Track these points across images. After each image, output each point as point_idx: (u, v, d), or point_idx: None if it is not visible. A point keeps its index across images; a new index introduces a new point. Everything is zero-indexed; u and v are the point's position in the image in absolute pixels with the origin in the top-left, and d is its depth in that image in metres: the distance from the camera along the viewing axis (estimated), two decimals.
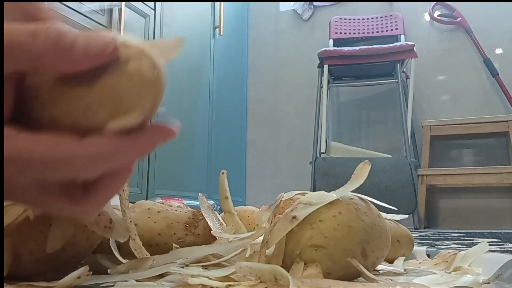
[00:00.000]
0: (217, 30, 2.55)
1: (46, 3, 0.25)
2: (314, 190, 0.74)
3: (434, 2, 2.64)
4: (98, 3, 1.81)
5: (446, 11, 2.63)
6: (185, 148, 2.23)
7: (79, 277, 0.30)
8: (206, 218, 0.45)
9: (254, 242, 0.39)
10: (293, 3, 2.95)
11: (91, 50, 0.22)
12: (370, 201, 0.36)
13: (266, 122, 2.93)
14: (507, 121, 2.20)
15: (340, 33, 2.70)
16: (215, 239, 0.44)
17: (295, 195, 0.44)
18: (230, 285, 0.29)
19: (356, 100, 2.75)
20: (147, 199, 1.83)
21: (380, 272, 0.42)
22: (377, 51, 2.25)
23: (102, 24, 1.81)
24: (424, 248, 0.54)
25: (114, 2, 1.86)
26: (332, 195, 0.34)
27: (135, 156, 0.24)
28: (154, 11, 2.11)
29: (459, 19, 2.55)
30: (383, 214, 0.41)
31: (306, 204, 0.33)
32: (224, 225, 0.46)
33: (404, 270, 0.43)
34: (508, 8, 2.48)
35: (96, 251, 0.39)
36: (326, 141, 2.36)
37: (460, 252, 0.46)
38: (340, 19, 2.74)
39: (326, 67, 2.33)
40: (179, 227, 0.44)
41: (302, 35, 2.93)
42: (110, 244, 0.39)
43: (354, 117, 2.74)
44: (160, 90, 0.24)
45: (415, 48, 2.27)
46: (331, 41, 2.67)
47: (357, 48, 2.29)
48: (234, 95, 2.80)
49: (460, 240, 1.19)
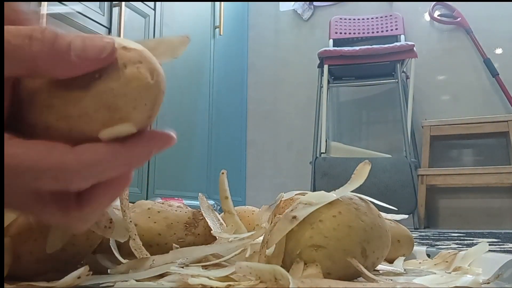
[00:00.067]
0: (217, 30, 2.55)
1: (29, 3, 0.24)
2: (314, 190, 0.74)
3: (434, 2, 2.64)
4: (98, 3, 1.81)
5: (446, 11, 2.63)
6: (185, 148, 2.23)
7: (79, 277, 0.30)
8: (206, 218, 0.45)
9: (254, 242, 0.39)
10: (293, 3, 2.95)
11: (87, 53, 0.21)
12: (370, 201, 0.36)
13: (266, 122, 2.93)
14: (507, 121, 2.20)
15: (340, 33, 2.70)
16: (215, 239, 0.44)
17: (295, 195, 0.44)
18: (230, 285, 0.29)
19: (356, 100, 2.75)
20: (147, 199, 1.83)
21: (380, 272, 0.42)
22: (377, 51, 2.25)
23: (102, 24, 1.81)
24: (424, 248, 0.54)
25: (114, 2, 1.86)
26: (332, 195, 0.34)
27: (130, 165, 0.23)
28: (154, 11, 2.11)
29: (459, 19, 2.55)
30: (383, 214, 0.41)
31: (306, 204, 0.33)
32: (224, 225, 0.46)
33: (404, 270, 0.43)
34: (508, 8, 2.48)
35: (96, 251, 0.39)
36: (326, 141, 2.36)
37: (460, 252, 0.46)
38: (340, 19, 2.74)
39: (326, 67, 2.33)
40: (179, 227, 0.44)
41: (302, 35, 2.93)
42: (110, 244, 0.39)
43: (354, 117, 2.74)
44: (158, 96, 0.23)
45: (415, 48, 2.27)
46: (331, 41, 2.67)
47: (357, 48, 2.29)
48: (234, 95, 2.80)
49: (460, 240, 1.19)
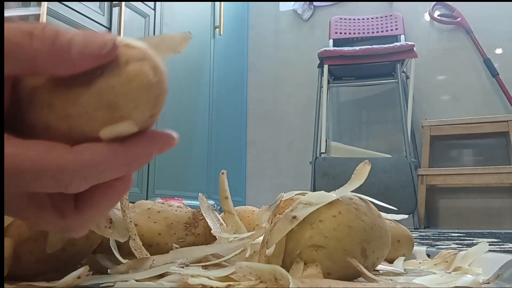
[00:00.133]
0: (217, 30, 2.55)
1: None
2: (314, 190, 0.74)
3: (434, 2, 2.64)
4: (98, 3, 1.81)
5: (446, 11, 2.63)
6: (185, 148, 2.23)
7: (79, 277, 0.30)
8: (206, 218, 0.45)
9: (254, 242, 0.39)
10: (293, 3, 2.95)
11: (88, 49, 0.20)
12: (370, 201, 0.36)
13: (266, 122, 2.93)
14: (507, 121, 2.20)
15: (340, 33, 2.70)
16: (215, 239, 0.44)
17: (295, 195, 0.44)
18: (230, 285, 0.29)
19: (356, 100, 2.75)
20: (147, 199, 1.83)
21: (380, 272, 0.42)
22: (377, 51, 2.25)
23: (102, 24, 1.81)
24: (424, 248, 0.54)
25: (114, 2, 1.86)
26: (332, 195, 0.34)
27: (130, 165, 0.22)
28: (154, 11, 2.11)
29: (459, 19, 2.55)
30: (383, 214, 0.41)
31: (306, 204, 0.33)
32: (224, 225, 0.46)
33: (404, 270, 0.43)
34: (508, 8, 2.48)
35: (96, 251, 0.39)
36: (326, 141, 2.36)
37: (460, 252, 0.46)
38: (340, 19, 2.74)
39: (326, 67, 2.33)
40: (179, 227, 0.44)
41: (302, 35, 2.93)
42: (110, 244, 0.39)
43: (354, 117, 2.74)
44: (161, 96, 0.22)
45: (415, 48, 2.27)
46: (331, 41, 2.67)
47: (357, 48, 2.29)
48: (234, 95, 2.80)
49: (460, 240, 1.19)
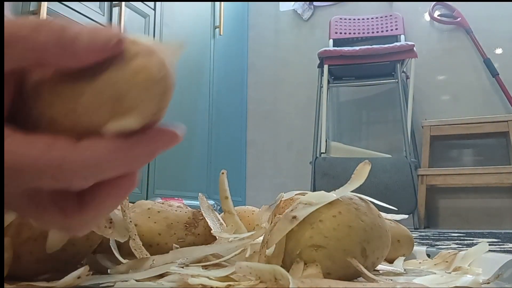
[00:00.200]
0: (217, 30, 2.55)
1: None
2: (314, 190, 0.74)
3: (434, 2, 2.64)
4: (98, 3, 1.81)
5: (446, 11, 2.63)
6: (185, 148, 2.23)
7: (79, 277, 0.30)
8: (206, 218, 0.45)
9: (254, 242, 0.39)
10: (293, 3, 2.95)
11: (95, 42, 0.21)
12: (370, 201, 0.36)
13: (266, 122, 2.93)
14: (507, 121, 2.20)
15: (340, 33, 2.70)
16: (215, 239, 0.44)
17: (295, 195, 0.44)
18: (230, 285, 0.29)
19: (356, 100, 2.75)
20: (147, 199, 1.83)
21: (380, 272, 0.42)
22: (377, 51, 2.25)
23: (102, 24, 1.81)
24: (424, 248, 0.54)
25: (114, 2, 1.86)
26: (332, 195, 0.34)
27: (134, 162, 0.22)
28: (154, 11, 2.11)
29: (459, 19, 2.55)
30: (383, 214, 0.41)
31: (306, 204, 0.33)
32: (224, 225, 0.46)
33: (404, 270, 0.43)
34: (508, 8, 2.48)
35: (96, 251, 0.39)
36: (326, 141, 2.36)
37: (460, 252, 0.46)
38: (340, 19, 2.74)
39: (326, 67, 2.33)
40: (179, 227, 0.44)
41: (302, 35, 2.93)
42: (110, 244, 0.39)
43: (354, 117, 2.74)
44: (166, 91, 0.22)
45: (415, 48, 2.27)
46: (331, 41, 2.67)
47: (357, 48, 2.29)
48: (234, 95, 2.80)
49: (460, 240, 1.19)
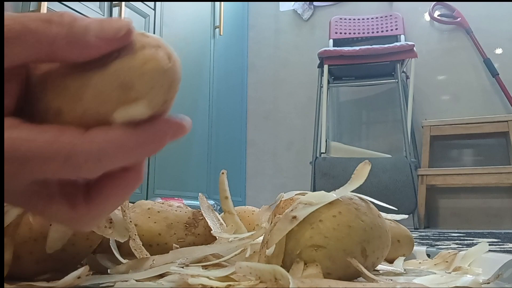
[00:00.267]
0: (217, 30, 2.55)
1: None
2: (314, 190, 0.74)
3: (434, 2, 2.64)
4: (98, 3, 1.81)
5: (446, 11, 2.63)
6: (185, 148, 2.23)
7: (79, 277, 0.30)
8: (206, 218, 0.45)
9: (254, 242, 0.39)
10: (293, 3, 2.95)
11: (105, 33, 0.21)
12: (370, 201, 0.36)
13: (266, 122, 2.93)
14: (507, 121, 2.20)
15: (340, 33, 2.70)
16: (215, 239, 0.44)
17: (295, 195, 0.44)
18: (230, 285, 0.29)
19: (356, 100, 2.75)
20: (147, 199, 1.83)
21: (380, 272, 0.42)
22: (377, 51, 2.25)
23: None
24: (424, 248, 0.54)
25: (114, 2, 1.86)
26: (332, 195, 0.34)
27: (142, 151, 0.22)
28: (154, 11, 2.11)
29: (459, 19, 2.55)
30: (383, 214, 0.41)
31: (306, 204, 0.33)
32: (224, 225, 0.46)
33: (404, 270, 0.43)
34: (508, 8, 2.48)
35: (96, 251, 0.39)
36: (326, 141, 2.36)
37: (460, 252, 0.46)
38: (340, 19, 2.74)
39: (326, 67, 2.33)
40: (179, 227, 0.44)
41: (302, 35, 2.93)
42: (110, 244, 0.39)
43: (354, 117, 2.74)
44: (174, 82, 0.22)
45: (415, 48, 2.27)
46: (331, 41, 2.67)
47: (357, 48, 2.29)
48: (234, 95, 2.80)
49: (460, 240, 1.19)
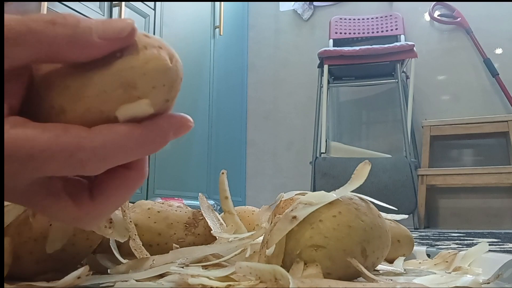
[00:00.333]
0: (217, 30, 2.55)
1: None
2: (314, 190, 0.74)
3: (434, 2, 2.64)
4: (98, 3, 1.81)
5: (446, 11, 2.63)
6: (185, 148, 2.23)
7: (79, 277, 0.30)
8: (206, 218, 0.45)
9: (254, 242, 0.39)
10: (293, 3, 2.95)
11: (109, 33, 0.21)
12: (370, 201, 0.36)
13: (266, 122, 2.93)
14: (507, 121, 2.20)
15: (340, 33, 2.70)
16: (215, 239, 0.44)
17: (295, 195, 0.44)
18: (230, 285, 0.29)
19: (356, 100, 2.75)
20: (147, 199, 1.83)
21: (380, 272, 0.42)
22: (377, 51, 2.25)
23: None
24: (424, 248, 0.54)
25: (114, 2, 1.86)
26: (332, 195, 0.34)
27: (146, 147, 0.23)
28: (154, 11, 2.11)
29: (459, 19, 2.55)
30: (383, 214, 0.41)
31: (306, 204, 0.33)
32: (224, 225, 0.46)
33: (404, 270, 0.43)
34: (508, 8, 2.48)
35: (96, 251, 0.39)
36: (326, 141, 2.36)
37: (460, 252, 0.46)
38: (340, 19, 2.74)
39: (326, 67, 2.33)
40: (179, 227, 0.44)
41: (302, 35, 2.93)
42: (110, 244, 0.39)
43: (354, 117, 2.74)
44: (176, 81, 0.23)
45: (415, 48, 2.27)
46: (331, 41, 2.67)
47: (357, 48, 2.29)
48: (234, 95, 2.80)
49: (460, 240, 1.19)
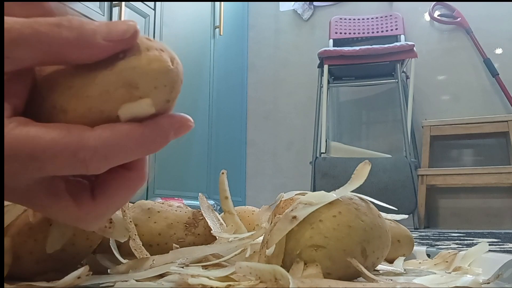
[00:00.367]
0: (217, 30, 2.55)
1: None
2: (314, 190, 0.74)
3: (434, 2, 2.64)
4: (98, 3, 1.81)
5: (446, 11, 2.63)
6: (185, 148, 2.23)
7: (79, 277, 0.30)
8: (206, 218, 0.45)
9: (254, 242, 0.39)
10: (293, 3, 2.95)
11: (112, 35, 0.22)
12: (370, 201, 0.36)
13: (266, 122, 2.93)
14: (507, 121, 2.20)
15: (340, 33, 2.70)
16: (215, 239, 0.44)
17: (295, 195, 0.44)
18: (230, 285, 0.29)
19: (356, 100, 2.75)
20: (147, 199, 1.83)
21: (380, 272, 0.42)
22: (377, 51, 2.25)
23: None
24: (424, 248, 0.54)
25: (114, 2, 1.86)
26: (332, 195, 0.34)
27: (148, 147, 0.23)
28: (154, 11, 2.11)
29: (459, 19, 2.55)
30: (383, 214, 0.41)
31: (306, 204, 0.33)
32: (224, 225, 0.46)
33: (404, 270, 0.43)
34: (508, 8, 2.48)
35: (96, 251, 0.39)
36: (326, 141, 2.36)
37: (460, 252, 0.46)
38: (340, 19, 2.74)
39: (326, 67, 2.33)
40: (179, 227, 0.44)
41: (302, 35, 2.93)
42: (110, 244, 0.39)
43: (354, 117, 2.74)
44: (177, 82, 0.23)
45: (415, 48, 2.27)
46: (331, 41, 2.67)
47: (357, 48, 2.29)
48: (234, 95, 2.80)
49: (460, 240, 1.19)
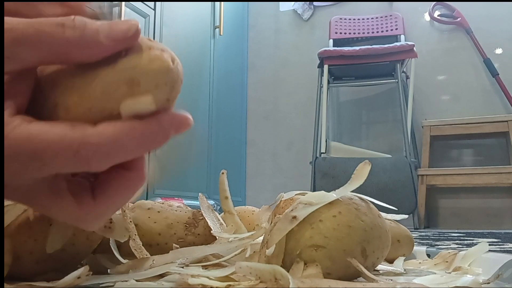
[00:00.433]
0: (217, 30, 2.55)
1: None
2: (314, 190, 0.74)
3: (434, 2, 2.64)
4: (98, 3, 1.80)
5: (446, 11, 2.63)
6: (185, 148, 2.23)
7: (79, 277, 0.30)
8: (206, 218, 0.45)
9: (254, 242, 0.39)
10: (293, 3, 2.95)
11: (115, 34, 0.22)
12: (370, 201, 0.36)
13: (266, 122, 2.93)
14: (507, 121, 2.20)
15: (340, 33, 2.70)
16: (215, 239, 0.44)
17: (295, 195, 0.44)
18: (230, 285, 0.29)
19: (356, 100, 2.74)
20: (147, 199, 1.83)
21: (380, 272, 0.42)
22: (377, 51, 2.25)
23: None
24: (424, 248, 0.54)
25: (114, 2, 1.86)
26: (332, 195, 0.34)
27: (148, 144, 0.23)
28: (154, 11, 2.11)
29: (459, 19, 2.55)
30: (383, 214, 0.41)
31: (306, 204, 0.33)
32: (224, 225, 0.46)
33: (404, 270, 0.43)
34: (508, 8, 2.48)
35: (96, 251, 0.39)
36: (326, 141, 2.36)
37: (460, 252, 0.46)
38: (340, 19, 2.74)
39: (326, 67, 2.33)
40: (179, 227, 0.44)
41: (302, 35, 2.93)
42: (110, 244, 0.39)
43: (354, 117, 2.74)
44: (177, 82, 0.24)
45: (415, 48, 2.27)
46: (331, 41, 2.67)
47: (357, 48, 2.29)
48: (234, 95, 2.80)
49: (460, 240, 1.19)
